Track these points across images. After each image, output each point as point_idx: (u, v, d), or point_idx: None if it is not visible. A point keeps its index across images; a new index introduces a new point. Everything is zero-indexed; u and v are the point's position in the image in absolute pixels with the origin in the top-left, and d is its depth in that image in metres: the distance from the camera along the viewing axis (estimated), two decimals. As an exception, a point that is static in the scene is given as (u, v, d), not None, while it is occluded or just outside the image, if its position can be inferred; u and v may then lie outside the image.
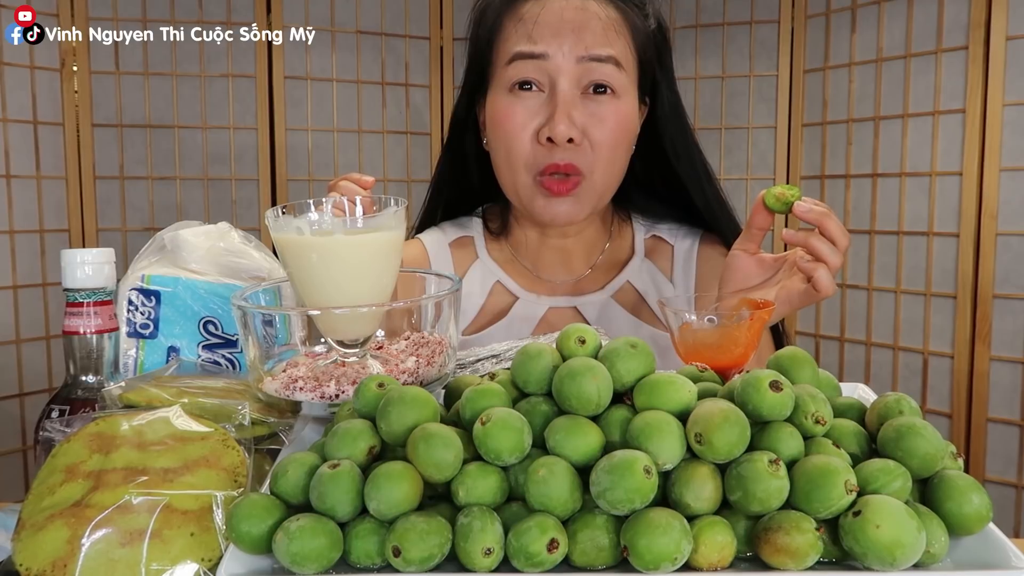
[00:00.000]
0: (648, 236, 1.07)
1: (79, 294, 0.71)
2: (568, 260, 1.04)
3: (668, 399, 0.52)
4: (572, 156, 0.92)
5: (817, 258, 0.79)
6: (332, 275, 0.66)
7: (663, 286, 1.03)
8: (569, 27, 0.91)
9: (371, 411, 0.56)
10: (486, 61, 0.97)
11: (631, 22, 0.95)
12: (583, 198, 0.95)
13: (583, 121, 0.92)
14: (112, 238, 2.18)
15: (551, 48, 0.91)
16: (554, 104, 0.91)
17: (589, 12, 0.92)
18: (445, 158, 1.07)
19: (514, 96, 0.93)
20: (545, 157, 0.92)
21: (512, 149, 0.94)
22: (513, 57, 0.93)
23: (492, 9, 0.97)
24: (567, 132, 0.90)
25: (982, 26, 1.88)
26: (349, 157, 2.31)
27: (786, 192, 0.81)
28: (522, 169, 0.94)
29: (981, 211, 1.90)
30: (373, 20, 2.29)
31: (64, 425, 0.65)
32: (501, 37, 0.95)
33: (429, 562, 0.47)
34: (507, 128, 0.93)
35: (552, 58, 0.91)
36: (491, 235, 1.07)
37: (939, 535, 0.48)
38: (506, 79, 0.93)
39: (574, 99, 0.92)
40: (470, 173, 1.05)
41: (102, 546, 0.52)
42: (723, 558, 0.47)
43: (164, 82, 2.18)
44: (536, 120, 0.92)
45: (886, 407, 0.55)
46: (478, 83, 1.00)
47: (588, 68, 0.91)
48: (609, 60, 0.92)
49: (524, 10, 0.94)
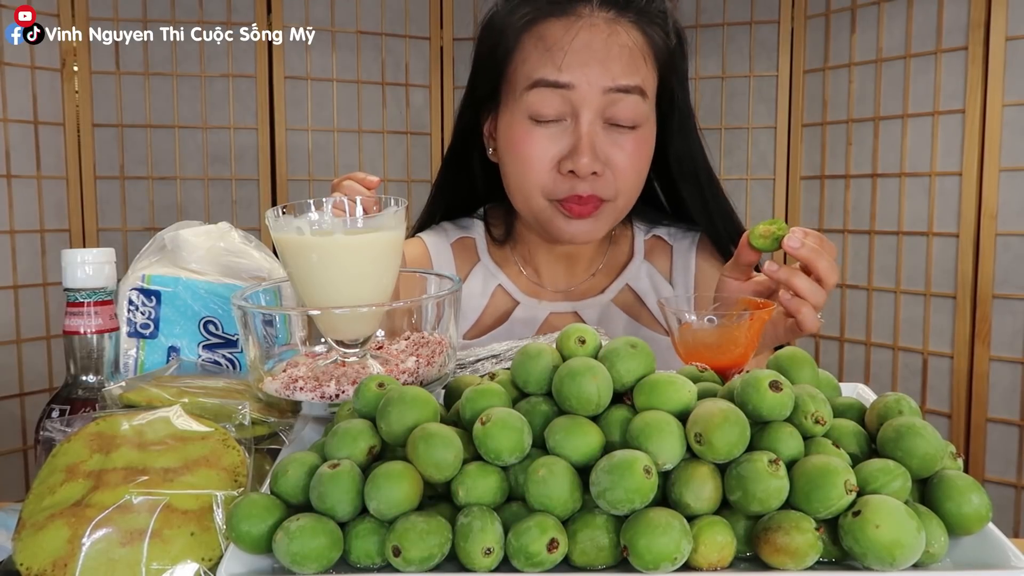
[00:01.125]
0: (648, 237, 1.06)
1: (79, 294, 0.71)
2: (571, 267, 1.04)
3: (668, 399, 0.52)
4: (594, 187, 0.89)
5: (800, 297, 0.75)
6: (332, 275, 0.66)
7: (662, 287, 1.03)
8: (597, 56, 0.87)
9: (371, 411, 0.56)
10: (500, 78, 0.94)
11: (655, 44, 0.91)
12: (604, 219, 0.93)
13: (606, 152, 0.89)
14: (112, 238, 2.18)
15: (576, 78, 0.87)
16: (578, 136, 0.88)
17: (616, 39, 0.88)
18: (449, 166, 1.05)
19: (533, 124, 0.90)
20: (567, 188, 0.89)
21: (529, 177, 0.91)
22: (536, 83, 0.89)
23: (511, 27, 0.92)
24: (591, 166, 0.87)
25: (982, 26, 1.88)
26: (349, 157, 2.31)
27: (771, 228, 0.77)
28: (539, 195, 0.92)
29: (981, 211, 1.90)
30: (373, 20, 2.29)
31: (64, 425, 0.65)
32: (520, 57, 0.91)
33: (429, 562, 0.47)
34: (525, 155, 0.90)
35: (578, 88, 0.87)
36: (492, 239, 1.06)
37: (939, 535, 0.48)
38: (525, 105, 0.89)
39: (597, 131, 0.89)
40: (474, 181, 1.04)
41: (102, 546, 0.52)
42: (723, 558, 0.47)
43: (164, 82, 2.18)
44: (556, 149, 0.89)
45: (886, 407, 0.55)
46: (488, 96, 0.96)
47: (612, 99, 0.88)
48: (635, 90, 0.88)
49: (549, 33, 0.89)
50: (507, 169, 0.95)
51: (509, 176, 0.94)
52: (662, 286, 1.03)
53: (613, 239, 1.06)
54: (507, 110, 0.93)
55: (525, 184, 0.92)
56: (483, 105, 0.98)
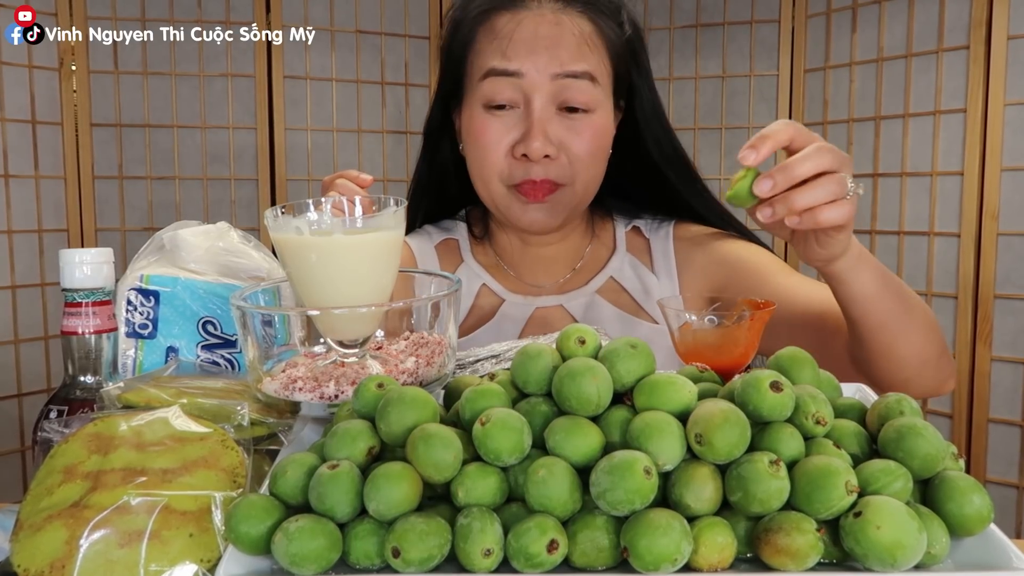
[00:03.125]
0: (628, 228, 1.07)
1: (78, 294, 0.71)
2: (551, 266, 1.05)
3: (668, 399, 0.52)
4: (547, 171, 0.93)
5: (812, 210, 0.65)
6: (331, 275, 0.66)
7: (646, 278, 1.03)
8: (543, 44, 0.91)
9: (370, 411, 0.56)
10: (460, 72, 0.97)
11: (605, 34, 0.94)
12: (559, 205, 0.95)
13: (559, 136, 0.92)
14: (111, 238, 2.18)
15: (525, 66, 0.91)
16: (529, 121, 0.91)
17: (563, 27, 0.92)
18: (422, 165, 1.07)
19: (489, 113, 0.93)
20: (521, 172, 0.93)
21: (486, 163, 0.94)
22: (487, 73, 0.93)
23: (466, 21, 0.96)
24: (542, 149, 0.91)
25: (983, 25, 1.87)
26: (348, 157, 2.31)
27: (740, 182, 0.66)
28: (497, 182, 0.95)
29: (982, 211, 1.90)
30: (373, 20, 2.29)
31: (62, 426, 0.64)
32: (475, 50, 0.95)
33: (428, 563, 0.47)
34: (482, 143, 0.94)
35: (526, 75, 0.91)
36: (475, 239, 1.08)
37: (940, 536, 0.48)
38: (480, 95, 0.94)
39: (549, 116, 0.92)
40: (448, 178, 1.06)
41: (100, 547, 0.52)
42: (723, 559, 0.47)
43: (163, 82, 2.18)
44: (511, 136, 0.93)
45: (887, 407, 0.54)
46: (453, 91, 1.00)
47: (563, 85, 0.91)
48: (584, 76, 0.92)
49: (499, 25, 0.93)
50: (469, 158, 0.98)
51: (472, 166, 0.98)
52: (646, 276, 1.03)
53: (595, 234, 1.07)
54: (467, 103, 0.97)
55: (484, 171, 0.95)
56: (451, 100, 1.01)
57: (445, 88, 1.01)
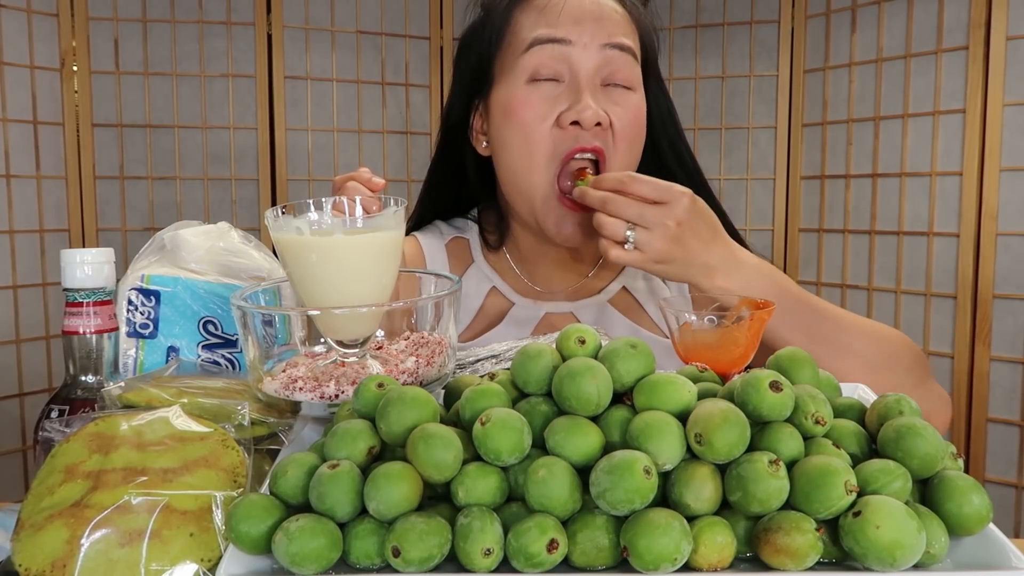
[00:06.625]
0: None
1: (79, 294, 0.71)
2: (564, 270, 1.03)
3: (668, 399, 0.52)
4: (597, 140, 0.89)
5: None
6: (332, 275, 0.66)
7: (658, 288, 1.02)
8: (590, 16, 0.90)
9: (371, 411, 0.56)
10: (492, 55, 0.94)
11: (639, 21, 0.95)
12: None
13: (606, 108, 0.89)
14: (112, 238, 2.18)
15: (572, 33, 0.89)
16: (578, 90, 0.89)
17: (605, 6, 0.92)
18: (439, 163, 1.04)
19: (531, 87, 0.90)
20: (570, 142, 0.89)
21: (531, 139, 0.90)
22: (532, 43, 0.90)
23: (500, 4, 0.95)
24: (596, 115, 0.87)
25: (982, 26, 1.88)
26: (349, 157, 2.31)
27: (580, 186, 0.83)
28: (542, 163, 0.90)
29: (981, 211, 1.91)
30: (373, 20, 2.29)
31: (64, 425, 0.64)
32: (512, 29, 0.93)
33: (429, 562, 0.47)
34: (524, 118, 0.89)
35: (575, 43, 0.89)
36: (487, 242, 1.06)
37: (939, 536, 0.48)
38: (522, 68, 0.90)
39: (596, 87, 0.90)
40: (466, 178, 1.03)
41: (101, 546, 0.52)
42: (723, 559, 0.47)
43: (164, 82, 2.18)
44: (558, 108, 0.89)
45: (886, 407, 0.54)
46: (480, 83, 0.97)
47: (609, 57, 0.90)
48: (628, 51, 0.91)
49: (540, 2, 0.92)
50: (504, 142, 0.93)
51: (508, 150, 0.93)
52: (658, 286, 1.02)
53: None
54: (503, 84, 0.93)
55: (529, 148, 0.90)
56: (475, 94, 0.98)
57: (470, 80, 0.97)
